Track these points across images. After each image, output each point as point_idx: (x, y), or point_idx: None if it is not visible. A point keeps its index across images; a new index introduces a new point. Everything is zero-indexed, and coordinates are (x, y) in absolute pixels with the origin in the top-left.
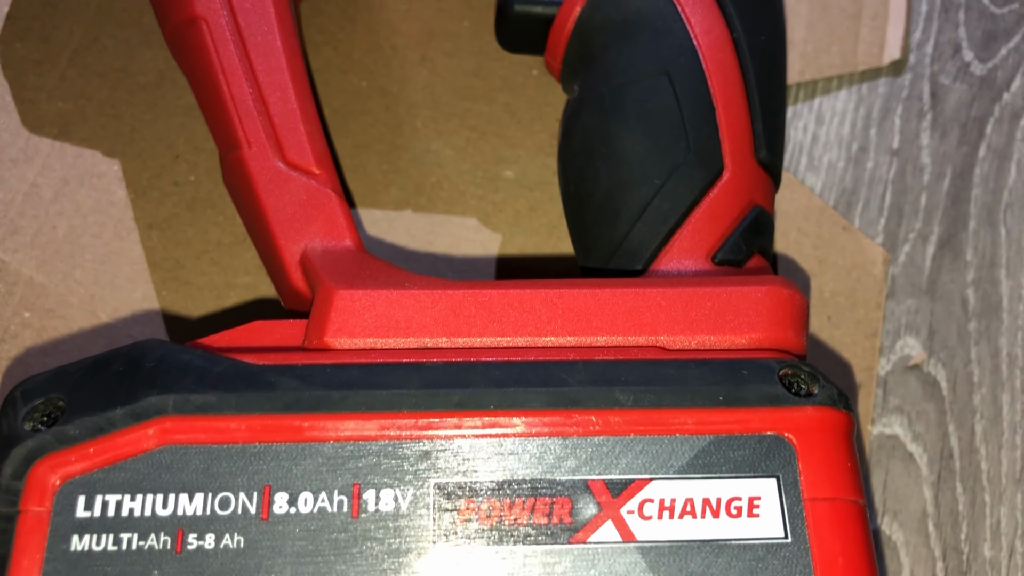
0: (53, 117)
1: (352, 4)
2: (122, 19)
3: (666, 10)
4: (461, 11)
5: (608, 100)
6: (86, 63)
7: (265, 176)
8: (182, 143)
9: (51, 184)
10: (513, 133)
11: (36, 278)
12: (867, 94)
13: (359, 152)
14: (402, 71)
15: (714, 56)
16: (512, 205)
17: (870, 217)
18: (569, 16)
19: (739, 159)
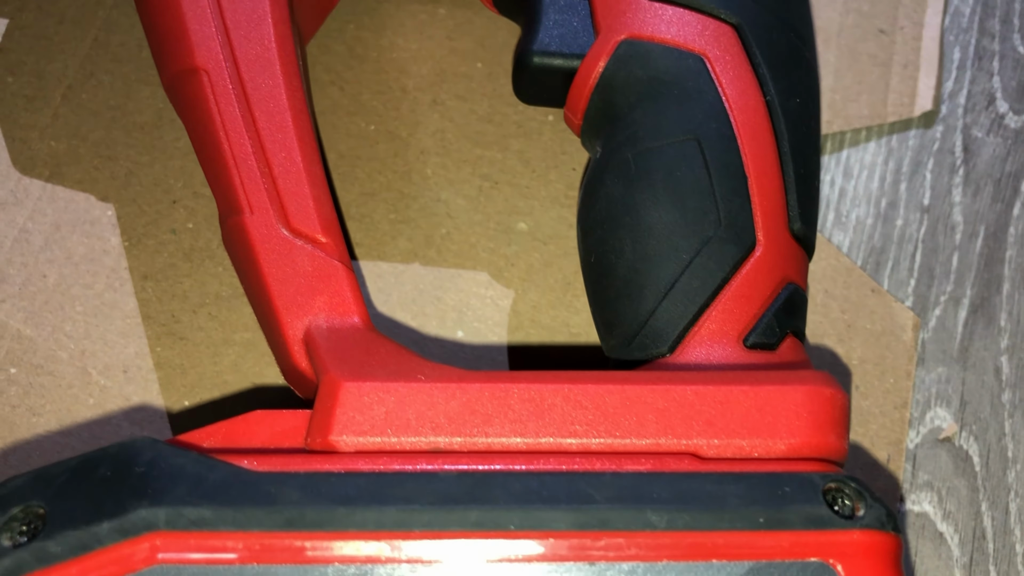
0: (45, 157)
1: (360, 43)
2: (119, 54)
3: (695, 69)
4: (474, 52)
5: (634, 166)
6: (80, 100)
7: (268, 245)
8: (180, 187)
9: (42, 230)
10: (527, 183)
11: (24, 331)
12: (897, 147)
13: (366, 200)
14: (412, 114)
15: (746, 121)
16: (525, 259)
17: (900, 278)
18: (592, 71)
19: (772, 232)
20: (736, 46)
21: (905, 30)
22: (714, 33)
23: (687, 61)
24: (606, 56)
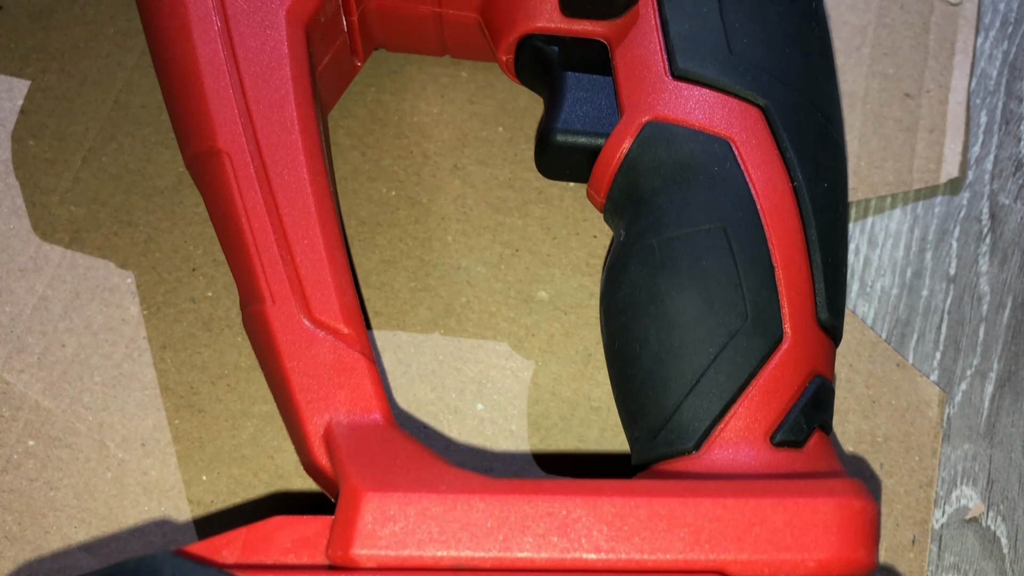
0: (65, 223)
1: (381, 106)
2: (140, 116)
3: (722, 154)
4: (496, 116)
5: (658, 253)
6: (101, 164)
7: (289, 336)
8: (200, 254)
9: (61, 297)
10: (548, 250)
11: (42, 402)
12: (923, 214)
13: (386, 268)
14: (433, 180)
15: (774, 208)
16: (546, 329)
17: (925, 351)
18: (616, 152)
19: (800, 324)
20: (763, 129)
21: (931, 94)
22: (740, 116)
23: (713, 145)
24: (630, 137)
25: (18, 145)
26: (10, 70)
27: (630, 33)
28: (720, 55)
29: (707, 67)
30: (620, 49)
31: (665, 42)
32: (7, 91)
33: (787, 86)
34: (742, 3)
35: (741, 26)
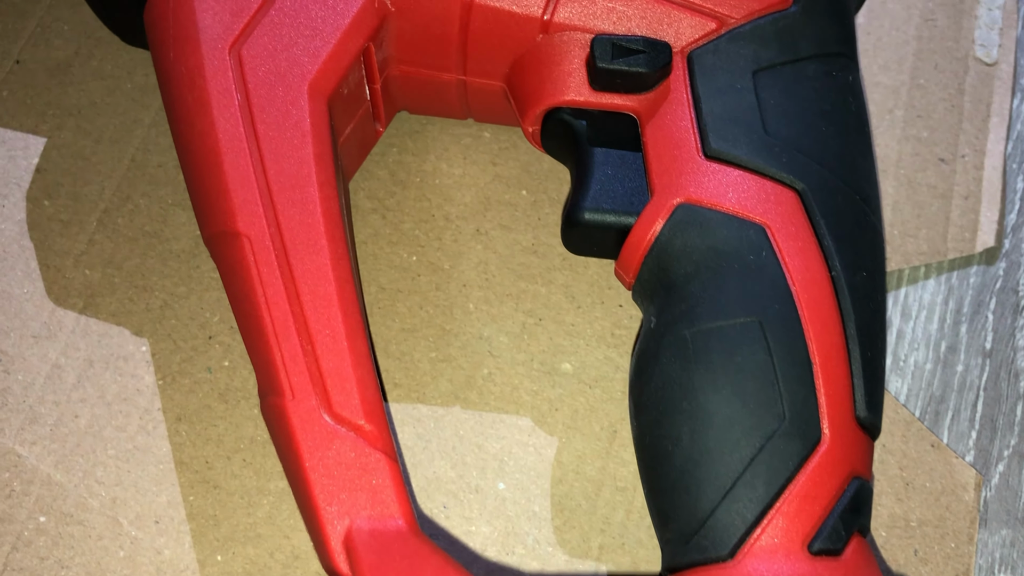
0: (80, 287)
1: (403, 167)
2: (156, 176)
3: (757, 242)
4: (519, 178)
5: (691, 346)
6: (116, 226)
7: (309, 433)
8: (216, 322)
9: (74, 366)
10: (572, 319)
11: (54, 476)
12: (958, 285)
13: (406, 337)
14: (455, 245)
15: (811, 300)
16: (570, 403)
17: (960, 430)
18: (646, 234)
19: (838, 423)
20: (799, 214)
21: (966, 159)
22: (776, 200)
23: (748, 232)
24: (661, 219)
25: (33, 205)
26: (26, 126)
27: (661, 108)
28: (755, 135)
29: (741, 148)
30: (650, 125)
31: (697, 120)
32: (22, 148)
33: (824, 167)
34: (777, 78)
35: (776, 103)
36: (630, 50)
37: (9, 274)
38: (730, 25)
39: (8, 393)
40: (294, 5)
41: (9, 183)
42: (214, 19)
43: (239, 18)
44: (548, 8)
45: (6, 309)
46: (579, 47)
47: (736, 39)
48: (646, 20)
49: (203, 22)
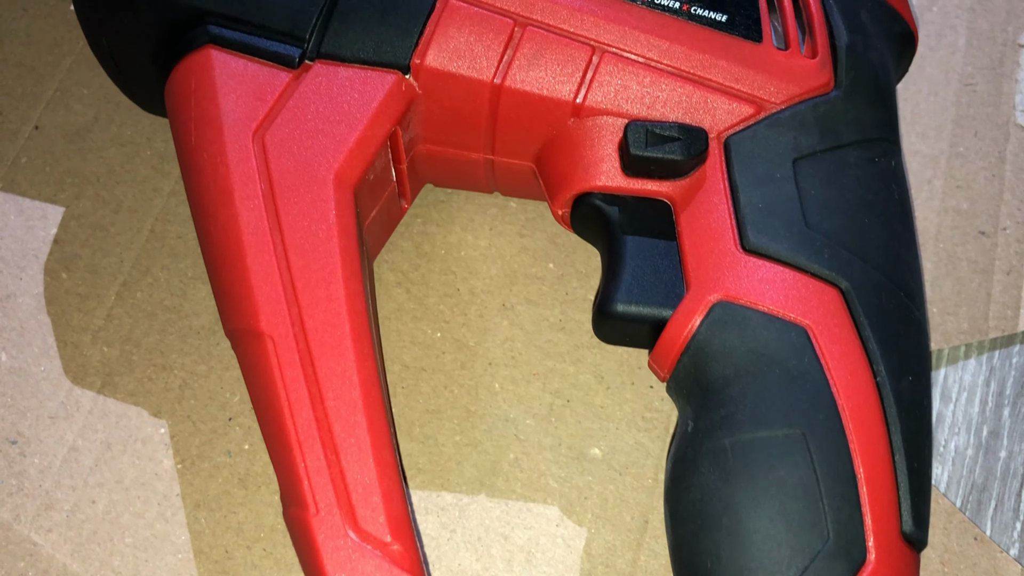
0: (97, 364)
1: (428, 239)
2: (176, 248)
3: (799, 345)
4: (545, 250)
5: (731, 457)
6: (135, 300)
7: (333, 551)
8: (236, 402)
9: (92, 448)
10: (601, 401)
11: (71, 566)
12: (1000, 366)
13: (431, 419)
14: (480, 320)
15: (856, 410)
16: (599, 491)
17: (1004, 520)
18: (682, 331)
19: (884, 541)
20: (842, 315)
21: (1008, 231)
22: (818, 299)
23: (789, 334)
24: (699, 317)
25: (51, 278)
26: (44, 195)
27: (697, 196)
28: (795, 228)
29: (781, 242)
30: (686, 214)
31: (735, 211)
32: (40, 218)
33: (867, 263)
34: (818, 166)
35: (817, 194)
36: (665, 137)
37: (26, 351)
38: (769, 110)
39: (24, 477)
40: (319, 89)
41: (27, 254)
42: (237, 102)
43: (263, 101)
44: (580, 92)
45: (23, 388)
46: (611, 131)
47: (775, 125)
48: (681, 104)
49: (226, 105)
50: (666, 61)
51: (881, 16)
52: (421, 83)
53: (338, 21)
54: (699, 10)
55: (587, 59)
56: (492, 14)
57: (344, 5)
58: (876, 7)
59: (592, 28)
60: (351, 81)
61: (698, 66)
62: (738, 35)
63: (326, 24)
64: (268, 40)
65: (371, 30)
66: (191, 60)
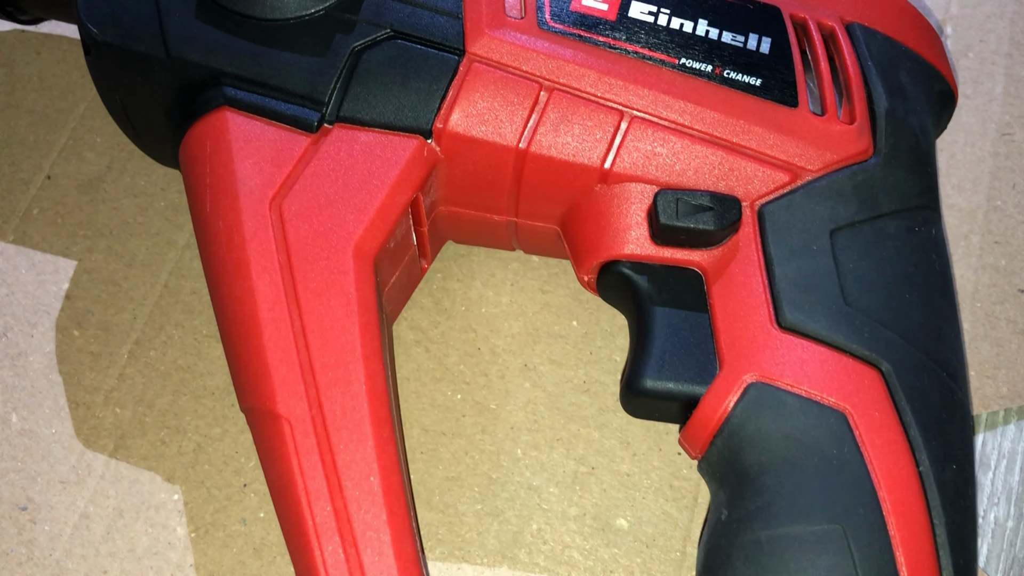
0: (110, 427)
1: (448, 295)
2: (190, 304)
3: (838, 433)
4: (569, 307)
5: (767, 551)
6: (148, 359)
7: None
8: (251, 467)
9: (103, 515)
10: (627, 469)
11: None
12: None
13: (451, 487)
14: (502, 381)
15: (898, 503)
16: (625, 564)
17: None
18: (715, 412)
19: None
20: (883, 398)
21: None
22: (858, 381)
23: (828, 420)
24: (733, 398)
25: (62, 336)
26: (56, 248)
27: (730, 267)
28: (833, 305)
29: (819, 320)
30: (718, 285)
31: (770, 285)
32: (52, 272)
33: (908, 342)
34: (856, 238)
35: (855, 267)
36: (696, 206)
37: (37, 412)
38: (805, 178)
39: (34, 545)
40: (339, 154)
41: (39, 311)
42: (254, 168)
43: (280, 167)
44: (608, 158)
45: (34, 452)
46: (640, 198)
47: (812, 194)
48: (713, 171)
49: (242, 171)
50: (698, 126)
51: (921, 75)
52: (443, 147)
53: (358, 84)
54: (732, 73)
55: (615, 124)
56: (517, 78)
57: (364, 67)
58: (915, 66)
59: (621, 92)
60: (371, 146)
61: (731, 132)
62: (773, 100)
63: (346, 87)
64: (286, 103)
65: (392, 94)
66: (206, 122)
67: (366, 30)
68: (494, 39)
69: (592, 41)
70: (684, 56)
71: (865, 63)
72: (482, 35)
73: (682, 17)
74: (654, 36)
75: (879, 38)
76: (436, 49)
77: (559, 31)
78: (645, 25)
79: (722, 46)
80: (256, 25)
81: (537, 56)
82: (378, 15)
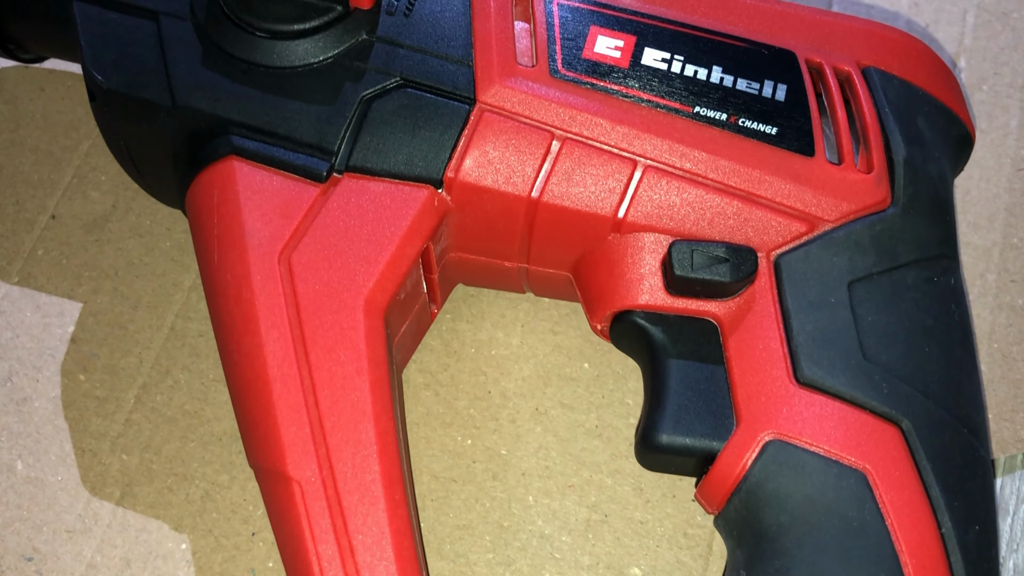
0: (116, 474)
1: (457, 337)
2: (197, 347)
3: (859, 493)
4: (580, 349)
5: None
6: (155, 404)
7: None
8: (259, 516)
9: (111, 565)
10: (641, 516)
11: None
12: None
13: (461, 535)
14: (512, 426)
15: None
16: None
17: None
18: (733, 470)
19: None
20: (903, 457)
21: None
22: (877, 439)
23: (848, 481)
24: (750, 456)
25: (68, 380)
26: (61, 290)
27: (746, 319)
28: (852, 360)
29: (837, 375)
30: (735, 338)
31: (788, 339)
32: (57, 315)
33: (928, 398)
34: (875, 290)
35: (874, 320)
36: (712, 257)
37: (43, 459)
38: (822, 228)
39: None
40: (348, 205)
41: (44, 354)
42: (262, 219)
43: (289, 219)
44: (621, 207)
45: (39, 500)
46: (654, 247)
47: (829, 245)
48: (728, 221)
49: (250, 223)
50: (712, 176)
51: (938, 120)
52: (455, 197)
53: (368, 133)
54: (747, 122)
55: (629, 174)
56: (529, 127)
57: (374, 117)
58: (933, 111)
59: (634, 141)
60: (382, 197)
61: (747, 181)
62: (789, 148)
63: (355, 136)
64: (294, 152)
65: (403, 143)
66: (213, 171)
67: (375, 78)
68: (505, 88)
69: (605, 89)
70: (698, 104)
71: (882, 109)
72: (493, 84)
73: (696, 64)
74: (668, 84)
75: (896, 82)
76: (446, 98)
77: (571, 79)
78: (659, 72)
79: (737, 94)
80: (264, 73)
81: (549, 105)
82: (387, 63)
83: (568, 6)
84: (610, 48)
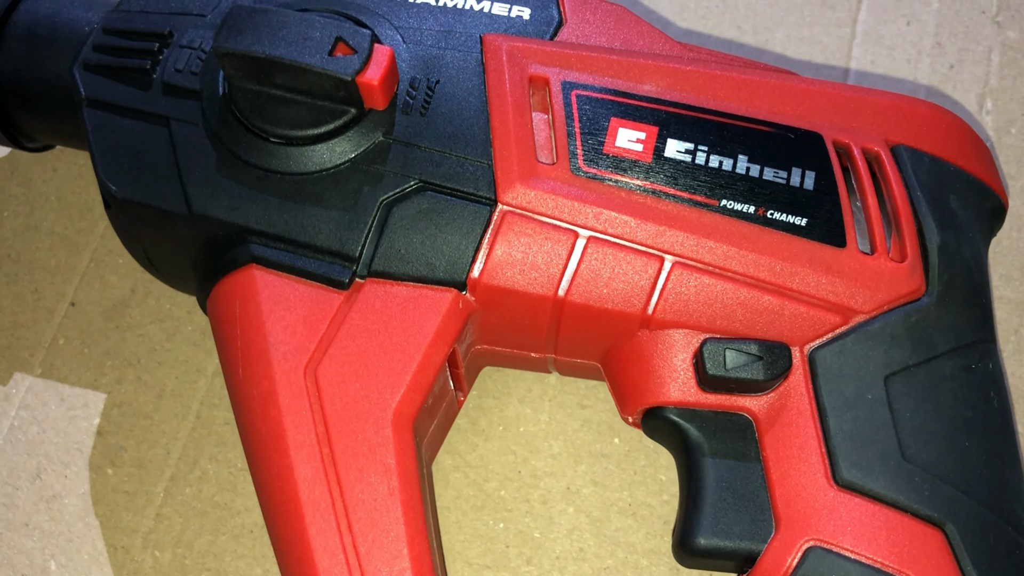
0: (149, 571)
1: (484, 415)
2: (223, 435)
3: None
4: (610, 423)
5: None
6: (184, 496)
7: None
8: None
9: None
10: None
11: None
12: None
13: None
14: (544, 507)
15: None
16: None
17: None
18: (775, 572)
19: None
20: (948, 562)
21: None
22: (920, 544)
23: None
24: (792, 561)
25: (96, 475)
26: (85, 380)
27: (782, 416)
28: (892, 460)
29: (877, 478)
30: (770, 436)
31: (825, 439)
32: (82, 407)
33: (971, 497)
34: (912, 384)
35: (912, 415)
36: (745, 354)
37: (76, 558)
38: (856, 320)
39: None
40: (372, 312)
41: (71, 449)
42: (286, 331)
43: (314, 330)
44: (650, 305)
45: None
46: (685, 343)
47: (864, 338)
48: (761, 316)
49: (274, 336)
50: (742, 270)
51: (971, 196)
52: (479, 298)
53: (389, 238)
54: (776, 214)
55: (656, 270)
56: (552, 226)
57: (395, 221)
58: (966, 187)
59: (660, 238)
60: (406, 301)
61: (777, 275)
62: (819, 240)
63: (377, 241)
64: (316, 260)
65: (425, 247)
66: (234, 280)
67: (394, 181)
68: (526, 188)
69: (628, 185)
70: (725, 198)
71: (914, 193)
72: (513, 184)
73: (721, 154)
74: (692, 177)
75: (927, 160)
76: (467, 200)
77: (593, 176)
78: (683, 165)
79: (764, 184)
80: (280, 179)
81: (571, 204)
82: (406, 165)
83: (587, 96)
84: (632, 141)
